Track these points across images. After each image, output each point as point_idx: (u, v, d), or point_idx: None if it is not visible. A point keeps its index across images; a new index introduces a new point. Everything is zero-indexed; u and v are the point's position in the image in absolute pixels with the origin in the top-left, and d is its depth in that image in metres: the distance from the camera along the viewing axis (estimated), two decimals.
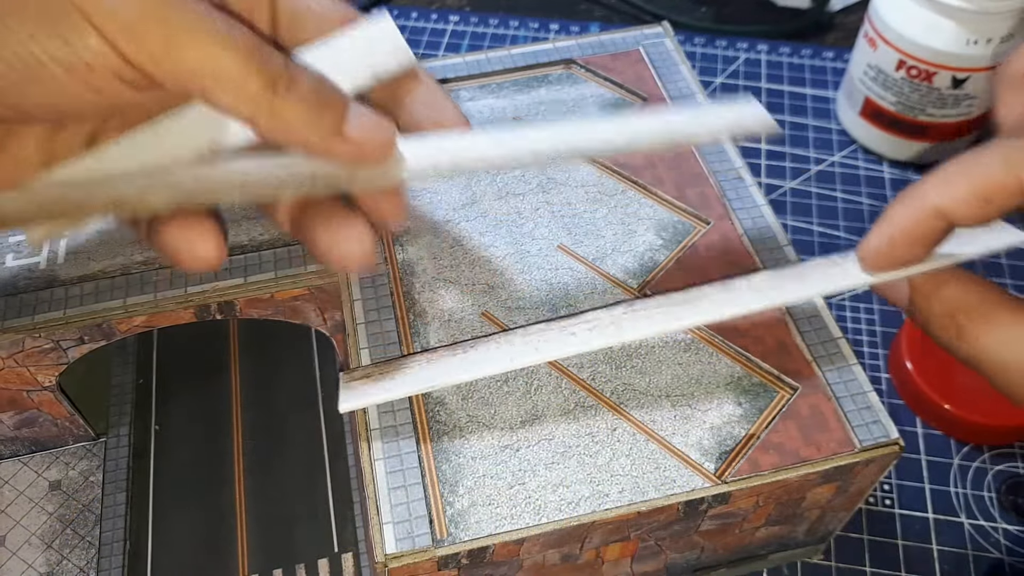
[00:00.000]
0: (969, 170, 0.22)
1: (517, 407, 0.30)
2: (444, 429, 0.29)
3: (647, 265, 0.34)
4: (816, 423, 0.29)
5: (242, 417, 0.40)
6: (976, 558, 0.37)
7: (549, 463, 0.29)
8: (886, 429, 0.29)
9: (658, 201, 0.36)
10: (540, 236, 0.35)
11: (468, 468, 0.28)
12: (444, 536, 0.27)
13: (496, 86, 0.40)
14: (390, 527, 0.27)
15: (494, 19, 0.61)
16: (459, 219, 0.35)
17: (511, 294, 0.33)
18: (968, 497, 0.39)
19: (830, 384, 0.30)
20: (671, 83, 0.40)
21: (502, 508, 0.28)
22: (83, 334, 0.33)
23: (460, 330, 0.32)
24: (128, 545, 0.36)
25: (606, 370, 0.31)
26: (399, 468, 0.28)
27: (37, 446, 0.39)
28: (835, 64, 0.57)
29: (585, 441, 0.29)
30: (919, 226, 0.23)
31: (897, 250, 0.24)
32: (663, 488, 0.28)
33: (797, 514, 0.32)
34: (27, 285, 0.33)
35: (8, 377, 0.34)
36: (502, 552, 0.28)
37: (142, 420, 0.40)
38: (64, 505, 0.37)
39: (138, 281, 0.33)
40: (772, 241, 0.34)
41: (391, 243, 0.34)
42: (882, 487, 0.39)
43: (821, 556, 0.37)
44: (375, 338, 0.31)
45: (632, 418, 0.30)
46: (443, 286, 0.33)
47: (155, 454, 0.39)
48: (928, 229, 0.23)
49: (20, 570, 0.35)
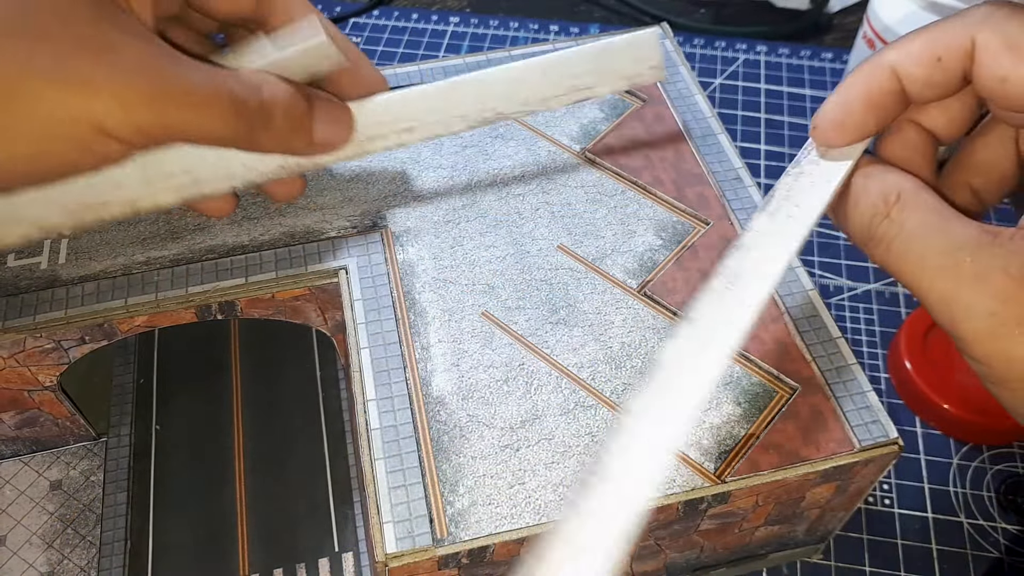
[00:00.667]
0: (926, 30, 0.23)
1: (517, 407, 0.30)
2: (444, 429, 0.29)
3: (647, 265, 0.34)
4: (815, 423, 0.29)
5: (243, 417, 0.40)
6: (975, 558, 0.37)
7: (549, 463, 0.29)
8: (885, 429, 0.29)
9: (657, 201, 0.36)
10: (540, 236, 0.35)
11: (468, 468, 0.29)
12: (444, 536, 0.27)
13: None
14: (390, 526, 0.27)
15: (494, 20, 0.61)
16: (459, 219, 0.35)
17: (511, 294, 0.33)
18: (967, 497, 0.39)
19: (829, 384, 0.30)
20: (671, 84, 0.40)
21: (502, 508, 0.28)
22: (84, 334, 0.33)
23: (460, 330, 0.32)
24: (129, 545, 0.36)
25: (606, 370, 0.31)
26: (399, 468, 0.28)
27: (38, 446, 0.39)
28: (834, 65, 0.57)
29: (585, 441, 0.29)
30: (873, 86, 0.23)
31: (852, 116, 0.23)
32: (663, 488, 0.28)
33: (796, 514, 0.32)
34: (28, 285, 0.33)
35: (9, 377, 0.34)
36: (502, 552, 0.28)
37: (143, 420, 0.40)
38: (65, 505, 0.37)
39: (139, 281, 0.33)
40: None
41: (391, 243, 0.34)
42: (881, 487, 0.39)
43: (820, 556, 0.37)
44: (375, 338, 0.32)
45: None
46: (443, 286, 0.33)
47: (156, 454, 0.39)
48: (882, 91, 0.23)
49: (21, 569, 0.35)
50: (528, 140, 0.38)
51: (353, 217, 0.35)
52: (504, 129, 0.39)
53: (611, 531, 0.21)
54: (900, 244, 0.22)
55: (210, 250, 0.34)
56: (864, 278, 0.46)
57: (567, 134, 0.38)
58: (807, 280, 0.33)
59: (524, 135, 0.38)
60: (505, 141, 0.38)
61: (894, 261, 0.23)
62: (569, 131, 0.38)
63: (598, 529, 0.21)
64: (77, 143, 0.21)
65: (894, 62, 0.23)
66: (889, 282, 0.46)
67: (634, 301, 0.33)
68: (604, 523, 0.22)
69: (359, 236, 0.35)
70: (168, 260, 0.34)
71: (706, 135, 0.38)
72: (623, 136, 0.38)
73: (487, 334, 0.32)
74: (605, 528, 0.21)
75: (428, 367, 0.31)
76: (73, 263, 0.34)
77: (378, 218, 0.35)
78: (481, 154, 0.38)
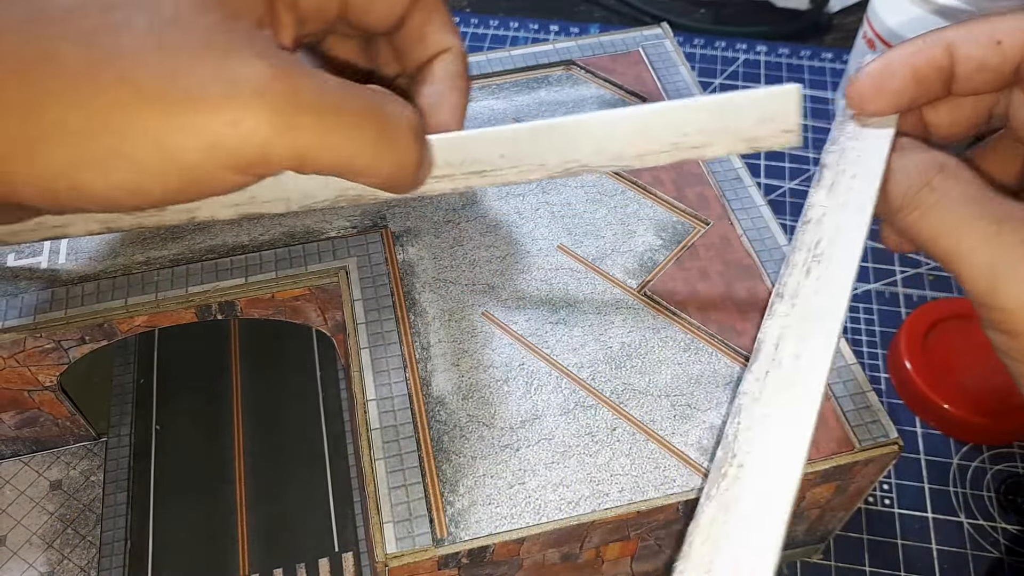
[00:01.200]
0: (989, 18, 0.23)
1: (517, 407, 0.30)
2: (444, 429, 0.29)
3: (647, 265, 0.34)
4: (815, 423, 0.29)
5: (243, 417, 0.40)
6: (975, 558, 0.37)
7: (549, 463, 0.29)
8: (885, 429, 0.29)
9: (657, 201, 0.36)
10: (540, 236, 0.35)
11: (468, 468, 0.29)
12: (444, 535, 0.27)
13: (496, 87, 0.40)
14: (390, 526, 0.27)
15: (494, 20, 0.61)
16: (459, 219, 0.35)
17: (511, 294, 0.33)
18: (967, 497, 0.39)
19: (829, 384, 0.30)
20: (671, 84, 0.40)
21: (502, 508, 0.28)
22: (84, 334, 0.33)
23: (460, 330, 0.32)
24: (129, 544, 0.36)
25: (606, 370, 0.31)
26: (399, 468, 0.28)
27: (38, 446, 0.39)
28: (834, 65, 0.57)
29: (585, 441, 0.29)
30: (923, 57, 0.23)
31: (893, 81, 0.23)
32: (663, 487, 0.28)
33: (796, 513, 0.32)
34: (28, 285, 0.33)
35: (9, 377, 0.34)
36: (502, 551, 0.28)
37: (143, 420, 0.40)
38: (65, 505, 0.37)
39: (139, 281, 0.33)
40: (771, 241, 0.34)
41: (391, 243, 0.34)
42: (881, 487, 0.39)
43: (820, 555, 0.37)
44: (375, 338, 0.32)
45: (632, 418, 0.30)
46: (443, 286, 0.33)
47: (156, 454, 0.39)
48: (931, 64, 0.23)
49: (21, 570, 0.35)
50: None
51: (353, 217, 0.35)
52: None
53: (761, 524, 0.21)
54: (940, 210, 0.22)
55: (210, 250, 0.34)
56: (864, 278, 0.46)
57: None
58: None
59: None
60: None
61: (930, 226, 0.22)
62: None
63: (748, 523, 0.22)
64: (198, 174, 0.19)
65: (952, 39, 0.23)
66: (889, 282, 0.46)
67: (634, 301, 0.33)
68: (751, 517, 0.22)
69: (359, 236, 0.35)
70: (168, 260, 0.34)
71: None
72: None
73: (487, 334, 0.32)
74: (754, 522, 0.22)
75: (428, 367, 0.31)
76: (73, 263, 0.34)
77: (378, 218, 0.35)
78: None
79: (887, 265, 0.47)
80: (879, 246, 0.47)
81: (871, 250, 0.47)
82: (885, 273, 0.46)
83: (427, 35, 0.26)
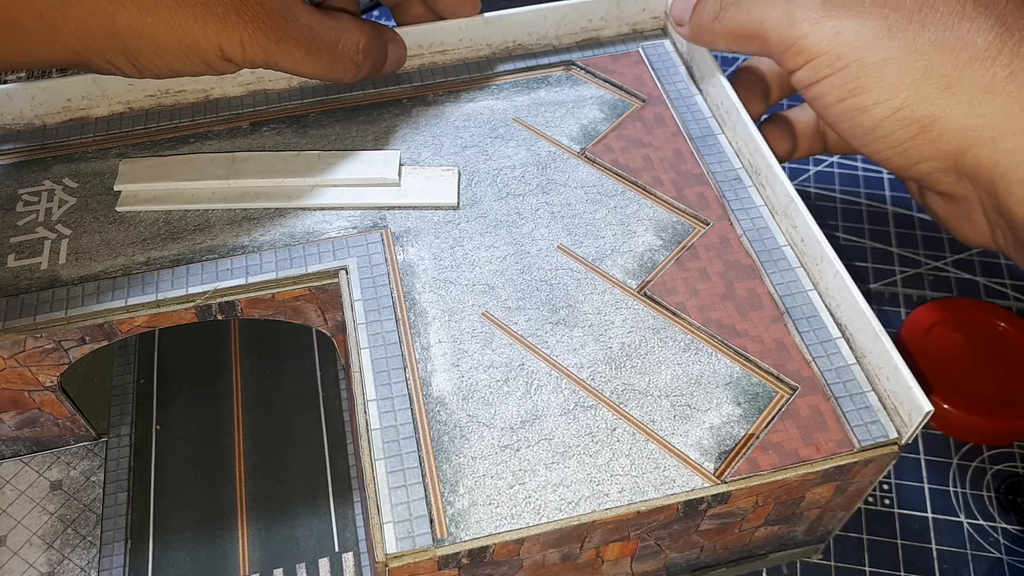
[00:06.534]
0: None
1: (517, 407, 0.30)
2: (444, 429, 0.29)
3: (647, 265, 0.34)
4: (815, 423, 0.29)
5: (243, 417, 0.40)
6: (975, 558, 0.37)
7: (549, 463, 0.29)
8: (885, 429, 0.29)
9: (657, 202, 0.36)
10: (540, 236, 0.35)
11: (468, 468, 0.29)
12: (444, 536, 0.27)
13: (496, 87, 0.40)
14: (391, 527, 0.27)
15: None
16: (459, 219, 0.35)
17: (511, 294, 0.33)
18: (967, 497, 0.39)
19: (829, 384, 0.30)
20: (671, 84, 0.40)
21: (502, 508, 0.28)
22: (84, 334, 0.33)
23: (460, 330, 0.32)
24: (129, 544, 0.36)
25: (606, 370, 0.31)
26: (399, 468, 0.28)
27: (38, 446, 0.39)
28: None
29: (585, 441, 0.29)
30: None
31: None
32: (663, 488, 0.28)
33: (796, 514, 0.32)
34: (29, 285, 0.33)
35: (9, 377, 0.34)
36: (502, 552, 0.28)
37: (143, 420, 0.40)
38: (65, 505, 0.37)
39: (139, 281, 0.33)
40: (771, 241, 0.34)
41: (391, 243, 0.34)
42: (881, 487, 0.39)
43: (820, 556, 0.37)
44: (375, 338, 0.32)
45: (632, 418, 0.30)
46: (443, 286, 0.33)
47: (156, 454, 0.39)
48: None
49: (21, 570, 0.36)
50: (528, 140, 0.38)
51: (353, 217, 0.35)
52: (504, 129, 0.39)
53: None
54: (745, 2, 0.34)
55: (210, 250, 0.34)
56: (864, 278, 0.46)
57: (567, 134, 0.38)
58: (807, 280, 0.33)
59: (524, 135, 0.38)
60: (505, 141, 0.38)
61: (739, 13, 0.34)
62: (569, 131, 0.38)
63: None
64: (205, 62, 0.32)
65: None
66: (889, 282, 0.46)
67: (634, 301, 0.33)
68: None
69: (359, 236, 0.35)
70: (168, 260, 0.34)
71: (706, 135, 0.38)
72: (623, 136, 0.38)
73: (487, 334, 0.32)
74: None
75: (428, 367, 0.31)
76: (73, 263, 0.34)
77: (378, 218, 0.35)
78: (481, 154, 0.38)
79: (887, 265, 0.47)
80: (879, 246, 0.47)
81: (871, 250, 0.47)
82: (885, 273, 0.46)
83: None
